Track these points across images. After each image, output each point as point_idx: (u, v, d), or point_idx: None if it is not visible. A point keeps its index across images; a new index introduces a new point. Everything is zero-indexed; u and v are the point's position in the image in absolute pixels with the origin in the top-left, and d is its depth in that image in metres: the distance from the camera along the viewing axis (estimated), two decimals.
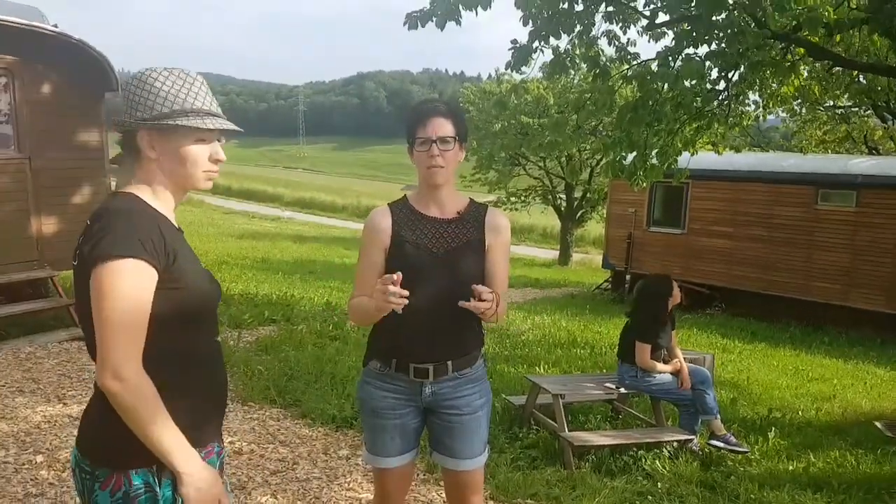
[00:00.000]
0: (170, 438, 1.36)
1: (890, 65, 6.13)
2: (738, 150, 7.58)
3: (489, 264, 2.14)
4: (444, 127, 2.06)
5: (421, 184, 2.17)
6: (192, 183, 1.55)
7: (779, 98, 7.34)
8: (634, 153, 6.08)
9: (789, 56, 6.19)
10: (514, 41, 5.90)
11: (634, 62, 6.30)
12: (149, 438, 1.35)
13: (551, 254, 20.88)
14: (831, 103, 12.07)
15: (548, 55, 6.13)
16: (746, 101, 7.24)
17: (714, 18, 5.21)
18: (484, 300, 1.91)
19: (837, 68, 6.92)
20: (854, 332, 10.12)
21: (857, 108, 12.96)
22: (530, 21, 5.58)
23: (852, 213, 10.43)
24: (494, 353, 6.72)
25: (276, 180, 55.03)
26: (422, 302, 2.01)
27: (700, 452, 4.40)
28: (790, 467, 4.29)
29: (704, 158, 8.62)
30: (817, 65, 6.63)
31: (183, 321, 1.45)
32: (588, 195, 18.61)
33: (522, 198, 19.83)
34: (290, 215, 33.24)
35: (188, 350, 1.48)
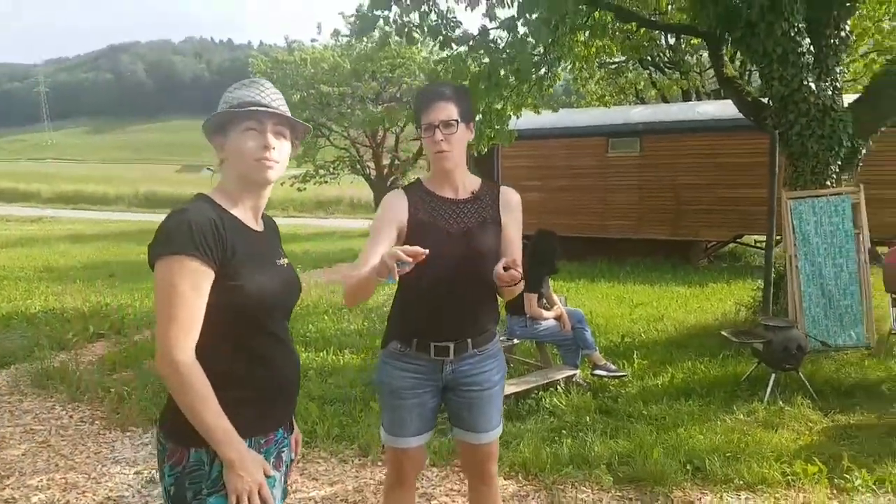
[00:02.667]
0: (213, 424, 1.45)
1: (684, 24, 7.08)
2: (555, 111, 8.29)
3: (504, 241, 2.19)
4: (447, 110, 2.06)
5: (432, 168, 2.19)
6: (247, 172, 1.59)
7: (584, 59, 8.14)
8: (479, 118, 6.42)
9: (592, 19, 6.89)
10: (359, 8, 5.93)
11: (463, 32, 6.59)
12: (195, 421, 1.45)
13: (364, 223, 20.93)
14: (606, 59, 13.51)
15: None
16: (559, 64, 7.92)
17: None
18: (515, 270, 1.91)
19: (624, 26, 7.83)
20: (649, 260, 11.67)
21: (626, 63, 14.67)
22: None
23: (637, 158, 11.92)
24: (367, 330, 6.78)
25: (25, 174, 48.06)
26: (442, 281, 2.06)
27: (585, 384, 4.93)
28: (658, 382, 4.98)
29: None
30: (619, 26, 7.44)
31: (237, 316, 1.53)
32: (396, 162, 18.90)
33: (331, 169, 19.52)
34: (52, 214, 29.21)
35: (242, 344, 1.56)
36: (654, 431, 3.99)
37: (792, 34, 5.43)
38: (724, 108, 11.72)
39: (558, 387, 4.76)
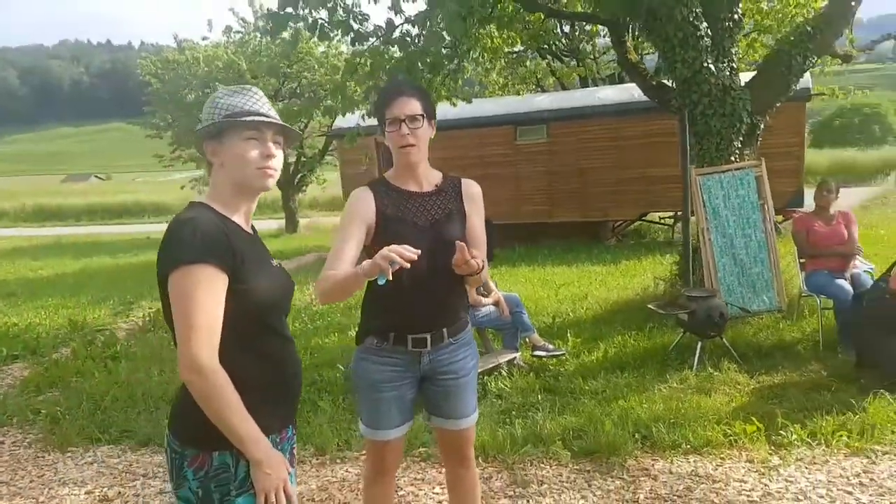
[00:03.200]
0: (241, 425, 1.48)
1: (587, 12, 7.32)
2: (468, 102, 8.31)
3: (469, 231, 2.23)
4: (412, 105, 2.10)
5: (396, 163, 2.20)
6: (248, 180, 1.63)
7: (492, 50, 8.26)
8: None
9: (497, 10, 7.01)
10: (269, 9, 5.79)
11: (374, 26, 6.53)
12: (222, 425, 1.48)
13: (270, 224, 20.34)
14: (507, 49, 13.78)
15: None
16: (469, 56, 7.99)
17: None
18: (473, 255, 1.97)
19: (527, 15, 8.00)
20: (563, 243, 12.04)
21: (525, 52, 15.00)
22: None
23: (545, 144, 12.26)
24: (300, 331, 6.62)
25: None
26: (415, 275, 2.03)
27: (525, 365, 5.04)
28: (593, 358, 5.17)
29: None
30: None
31: (249, 318, 1.58)
32: (303, 159, 18.43)
33: None
34: None
35: (255, 344, 1.60)
36: (598, 405, 4.14)
37: (690, 19, 5.72)
38: (623, 93, 12.26)
39: (501, 370, 4.85)
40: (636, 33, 6.97)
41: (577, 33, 14.95)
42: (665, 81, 6.58)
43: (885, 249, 8.45)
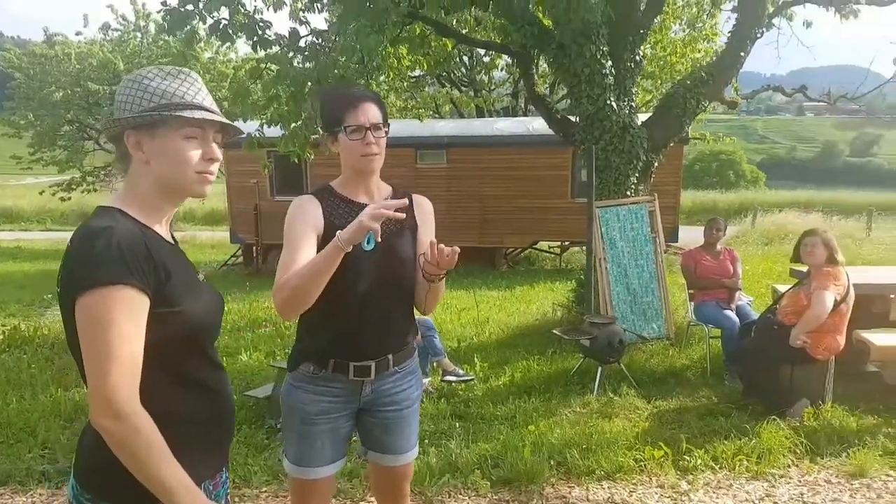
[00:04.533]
0: (170, 478, 1.24)
1: (496, 41, 7.47)
2: None
3: (421, 247, 2.07)
4: (374, 112, 1.95)
5: (350, 172, 2.02)
6: (184, 184, 1.37)
7: (398, 70, 8.24)
8: (297, 123, 6.17)
9: (407, 31, 7.02)
10: (165, 3, 5.44)
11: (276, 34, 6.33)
12: (146, 476, 1.23)
13: None
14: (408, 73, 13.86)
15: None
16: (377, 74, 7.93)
17: None
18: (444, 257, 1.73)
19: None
20: (460, 267, 12.10)
21: (424, 78, 15.15)
22: None
23: (444, 169, 12.38)
24: None
25: None
26: (362, 293, 1.92)
27: (434, 391, 4.96)
28: (500, 383, 5.18)
29: None
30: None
31: (180, 345, 1.34)
32: None
33: (101, 176, 17.52)
34: None
35: (188, 375, 1.38)
36: (510, 430, 4.12)
37: (598, 56, 5.98)
38: (518, 126, 12.68)
39: None
40: (541, 67, 7.21)
41: (475, 64, 15.32)
42: (568, 116, 6.82)
43: (750, 284, 9.17)
